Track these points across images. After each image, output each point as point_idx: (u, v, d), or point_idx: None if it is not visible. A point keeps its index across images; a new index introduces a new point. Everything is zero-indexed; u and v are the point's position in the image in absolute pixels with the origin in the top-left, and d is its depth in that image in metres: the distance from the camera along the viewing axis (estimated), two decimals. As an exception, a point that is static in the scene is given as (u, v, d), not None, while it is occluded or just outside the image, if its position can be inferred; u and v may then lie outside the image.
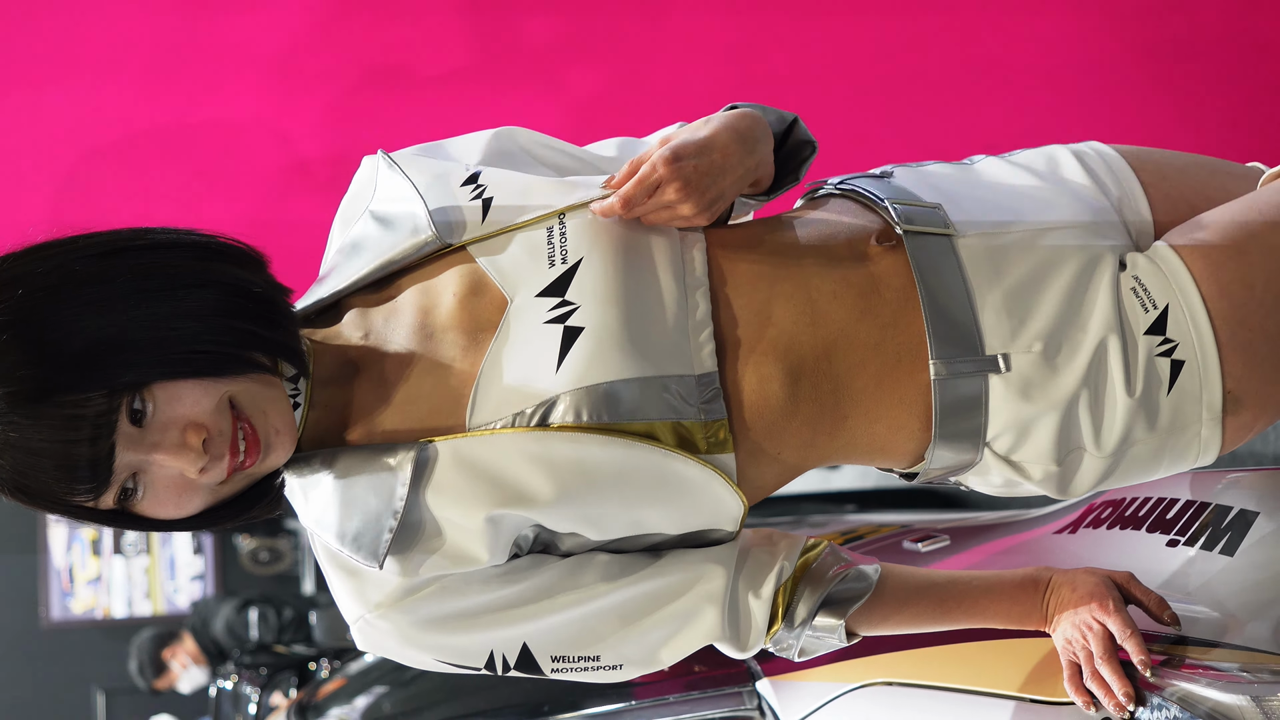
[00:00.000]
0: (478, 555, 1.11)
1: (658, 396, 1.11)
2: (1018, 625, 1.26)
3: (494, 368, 1.12)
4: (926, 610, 1.25)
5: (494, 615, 1.14)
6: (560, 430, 1.09)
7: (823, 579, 1.20)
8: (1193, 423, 1.17)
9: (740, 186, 1.19)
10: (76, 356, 1.00)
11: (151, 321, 1.03)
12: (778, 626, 1.19)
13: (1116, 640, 1.19)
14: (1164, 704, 1.17)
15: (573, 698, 1.91)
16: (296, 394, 1.13)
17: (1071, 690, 1.22)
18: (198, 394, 1.04)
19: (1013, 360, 1.16)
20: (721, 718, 1.73)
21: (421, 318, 1.15)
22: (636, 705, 1.82)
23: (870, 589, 1.21)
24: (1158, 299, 1.18)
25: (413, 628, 1.13)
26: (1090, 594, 1.21)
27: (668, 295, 1.15)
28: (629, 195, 1.14)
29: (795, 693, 1.64)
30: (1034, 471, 1.18)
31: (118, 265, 1.05)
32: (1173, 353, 1.17)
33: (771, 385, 1.15)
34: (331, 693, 2.75)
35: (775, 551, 1.20)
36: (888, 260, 1.20)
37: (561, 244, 1.15)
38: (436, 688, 2.42)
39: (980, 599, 1.25)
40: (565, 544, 1.17)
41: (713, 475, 1.12)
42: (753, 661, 1.74)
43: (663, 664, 1.18)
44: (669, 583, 1.16)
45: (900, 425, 1.18)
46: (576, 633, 1.15)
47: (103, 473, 1.03)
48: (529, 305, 1.13)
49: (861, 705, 1.51)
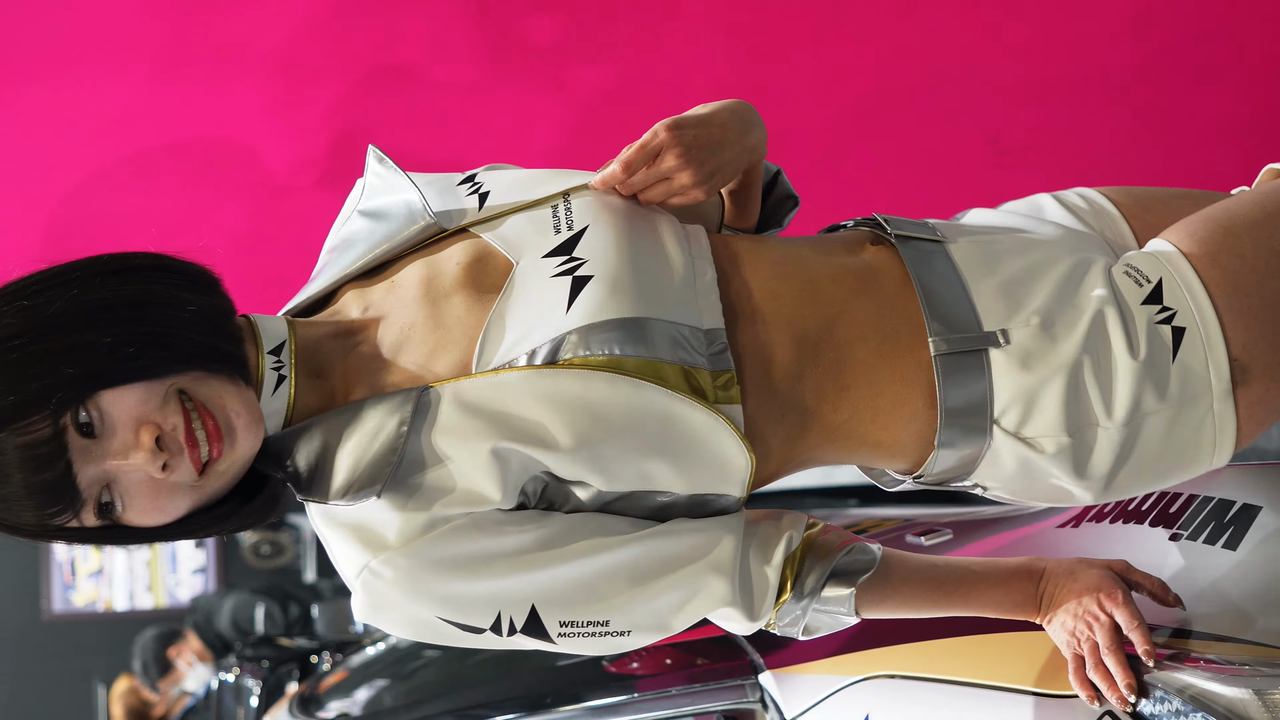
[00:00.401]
0: (486, 492, 1.09)
1: (668, 339, 1.11)
2: (1011, 614, 1.26)
3: (500, 318, 1.11)
4: (925, 592, 1.24)
5: (503, 561, 1.10)
6: (568, 368, 1.08)
7: (830, 551, 1.20)
8: (1203, 394, 1.16)
9: (737, 166, 1.20)
10: (15, 388, 1.01)
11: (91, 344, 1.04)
12: (786, 597, 1.18)
13: (1122, 631, 1.20)
14: (1166, 697, 1.17)
15: (575, 690, 1.91)
16: (280, 366, 1.12)
17: (1076, 683, 1.22)
18: (142, 393, 1.04)
19: (1011, 334, 1.16)
20: (724, 710, 1.73)
21: (425, 287, 1.15)
22: (639, 697, 1.82)
23: (875, 563, 1.21)
24: (1150, 275, 1.19)
25: (420, 571, 1.09)
26: (1095, 585, 1.22)
27: (675, 259, 1.16)
28: (630, 159, 1.15)
29: (798, 686, 1.64)
30: (1047, 445, 1.16)
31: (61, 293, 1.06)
32: (1172, 320, 1.17)
33: (777, 350, 1.15)
34: (333, 685, 2.76)
35: (781, 525, 1.20)
36: (883, 255, 1.22)
37: (567, 216, 1.16)
38: (438, 680, 2.43)
39: (976, 584, 1.25)
40: (572, 499, 1.15)
41: (720, 423, 1.11)
42: (755, 654, 1.74)
43: (672, 630, 1.16)
44: (678, 546, 1.14)
45: (903, 400, 1.17)
46: (585, 593, 1.12)
47: (69, 493, 1.03)
48: (536, 265, 1.13)
49: (863, 698, 1.52)
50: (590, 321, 1.09)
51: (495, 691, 2.11)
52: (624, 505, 1.16)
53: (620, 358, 1.08)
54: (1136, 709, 1.19)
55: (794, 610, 1.19)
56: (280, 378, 1.12)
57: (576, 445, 1.09)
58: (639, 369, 1.09)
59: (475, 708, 2.06)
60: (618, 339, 1.09)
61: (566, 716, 1.88)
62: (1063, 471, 1.17)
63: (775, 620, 1.20)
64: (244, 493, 1.14)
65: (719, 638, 1.81)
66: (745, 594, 1.16)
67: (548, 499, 1.15)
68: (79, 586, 6.62)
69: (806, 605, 1.19)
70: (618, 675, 1.90)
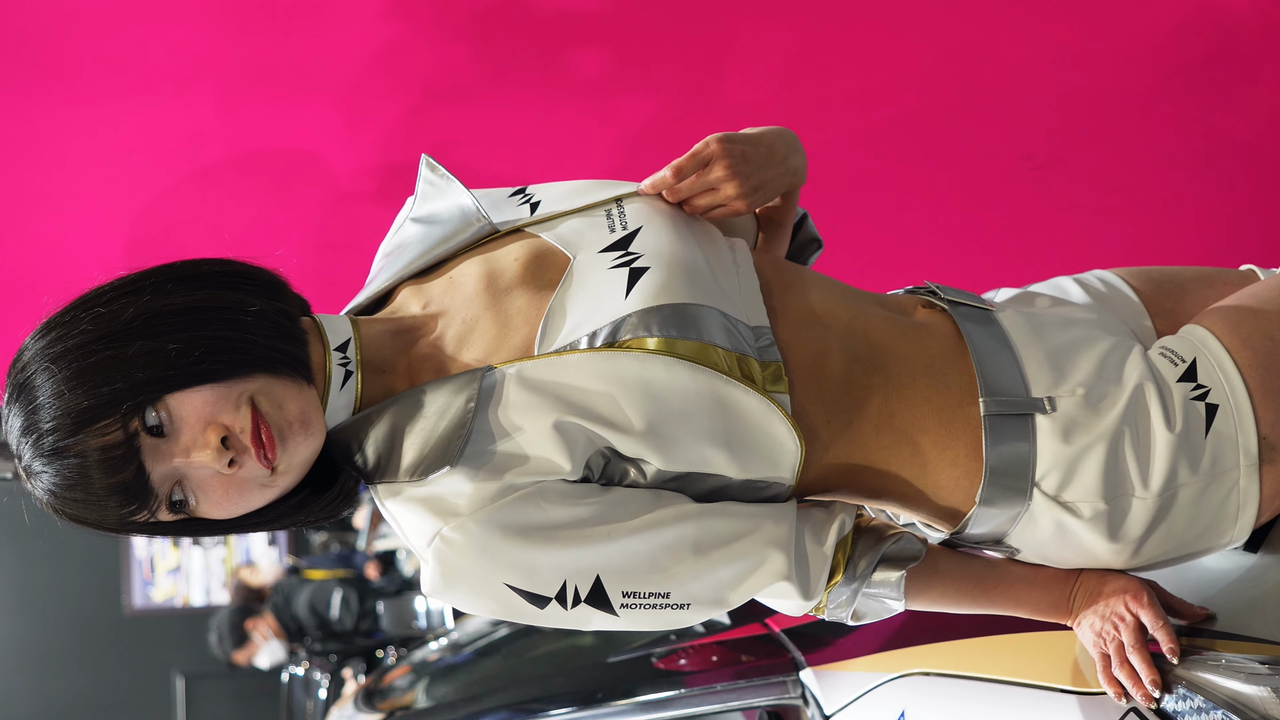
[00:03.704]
0: (555, 461, 1.11)
1: (720, 327, 1.14)
2: (1044, 615, 1.29)
3: (561, 306, 1.15)
4: (967, 586, 1.27)
5: (571, 531, 1.12)
6: (627, 350, 1.11)
7: (880, 536, 1.24)
8: (1231, 468, 1.19)
9: (779, 185, 1.25)
10: (89, 392, 1.05)
11: (160, 348, 1.07)
12: (838, 578, 1.21)
13: (1148, 631, 1.23)
14: (1188, 694, 1.19)
15: (625, 685, 1.95)
16: (347, 362, 1.15)
17: (1104, 680, 1.25)
18: (210, 397, 1.07)
19: (1058, 403, 1.19)
20: (767, 705, 1.77)
21: (486, 282, 1.18)
22: (687, 693, 1.85)
23: (922, 553, 1.24)
24: (1185, 355, 1.23)
25: (491, 536, 1.10)
26: (1123, 588, 1.25)
27: (723, 263, 1.21)
28: (680, 165, 1.20)
29: (837, 682, 1.67)
30: (1084, 510, 1.19)
31: (134, 299, 1.10)
32: (1205, 397, 1.20)
33: (825, 358, 1.19)
34: (396, 679, 2.82)
35: (833, 511, 1.24)
36: (935, 318, 1.26)
37: (621, 218, 1.21)
38: (496, 675, 2.48)
39: (1015, 583, 1.28)
40: (630, 476, 1.16)
41: (771, 408, 1.14)
42: (796, 652, 1.78)
43: (730, 604, 1.18)
44: (738, 523, 1.17)
45: (946, 445, 1.20)
46: (648, 564, 1.14)
47: (142, 492, 1.07)
48: (593, 259, 1.17)
49: (900, 694, 1.55)
50: (648, 305, 1.12)
51: (550, 687, 2.16)
52: (679, 485, 1.18)
53: (676, 339, 1.12)
54: (1160, 705, 1.22)
55: (844, 592, 1.22)
56: (347, 373, 1.15)
57: (638, 423, 1.11)
58: (694, 353, 1.12)
59: (531, 702, 2.11)
60: (675, 323, 1.12)
61: (617, 711, 1.93)
62: (1097, 533, 1.20)
63: (827, 602, 1.23)
64: (316, 485, 1.16)
65: (762, 636, 1.85)
66: (801, 571, 1.19)
67: (608, 475, 1.17)
68: (158, 583, 6.79)
69: (857, 588, 1.22)
70: (666, 671, 1.94)
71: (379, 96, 2.39)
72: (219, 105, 2.41)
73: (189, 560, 6.83)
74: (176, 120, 2.43)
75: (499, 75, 2.41)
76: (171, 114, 2.43)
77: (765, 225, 1.35)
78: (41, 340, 1.09)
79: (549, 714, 2.03)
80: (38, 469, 1.07)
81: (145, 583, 6.76)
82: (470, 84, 2.40)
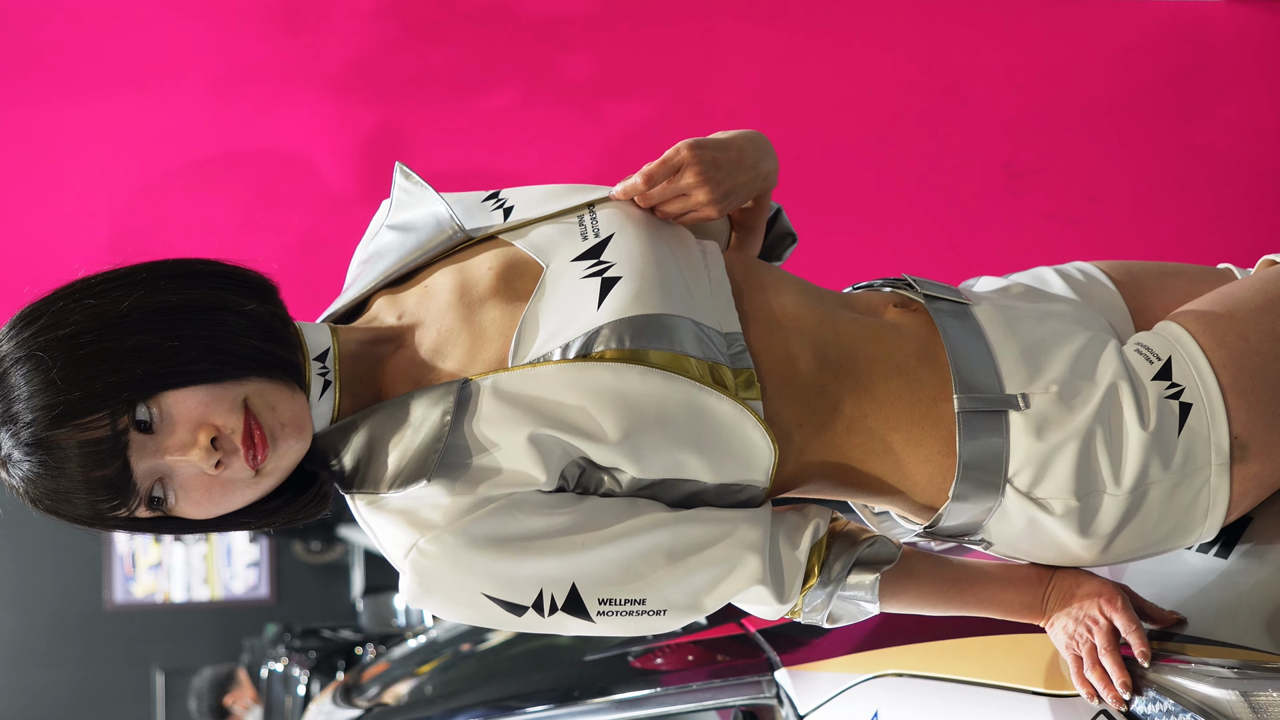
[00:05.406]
0: (529, 473, 1.12)
1: (692, 336, 1.15)
2: (1017, 616, 1.30)
3: (534, 317, 1.15)
4: (941, 588, 1.28)
5: (546, 541, 1.13)
6: (601, 360, 1.12)
7: (854, 540, 1.24)
8: (1203, 466, 1.20)
9: (750, 190, 1.26)
10: (85, 380, 1.04)
11: (154, 345, 1.07)
12: (813, 582, 1.22)
13: (1120, 634, 1.24)
14: (1159, 698, 1.20)
15: (602, 684, 1.96)
16: (326, 371, 1.16)
17: (1076, 682, 1.26)
18: (204, 397, 1.07)
19: (1032, 399, 1.20)
20: (742, 705, 1.77)
21: (459, 293, 1.19)
22: (662, 691, 1.86)
23: (897, 556, 1.25)
24: (1160, 353, 1.24)
25: (466, 549, 1.12)
26: (1096, 591, 1.26)
27: (694, 269, 1.21)
28: (651, 171, 1.21)
29: (811, 682, 1.68)
30: (1055, 507, 1.20)
31: (127, 294, 1.10)
32: (1180, 395, 1.21)
33: (796, 359, 1.20)
34: (375, 676, 2.82)
35: (808, 514, 1.24)
36: (907, 318, 1.27)
37: (593, 225, 1.21)
38: (474, 673, 2.49)
39: (989, 585, 1.29)
40: (605, 484, 1.18)
41: (745, 414, 1.15)
42: (772, 652, 1.78)
43: (705, 610, 1.19)
44: (713, 528, 1.18)
45: (919, 441, 1.21)
46: (624, 572, 1.15)
47: (124, 487, 1.06)
48: (565, 268, 1.17)
49: (874, 694, 1.55)
50: (621, 316, 1.13)
51: (527, 684, 2.17)
52: (654, 492, 1.19)
53: (648, 350, 1.13)
54: (1130, 708, 1.23)
55: (820, 595, 1.23)
56: (326, 383, 1.15)
57: (613, 433, 1.12)
58: (666, 362, 1.13)
59: (508, 699, 2.11)
60: (646, 333, 1.13)
61: (593, 709, 1.93)
62: (1068, 529, 1.22)
63: (802, 605, 1.23)
64: (295, 488, 1.17)
65: (738, 636, 1.86)
66: (776, 574, 1.20)
67: (583, 484, 1.18)
68: (139, 578, 6.77)
69: (832, 591, 1.23)
70: (642, 670, 1.95)
71: (366, 97, 2.40)
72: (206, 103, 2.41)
73: (170, 556, 6.81)
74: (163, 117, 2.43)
75: (486, 78, 2.42)
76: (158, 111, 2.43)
77: (738, 228, 1.36)
78: (27, 328, 1.08)
79: (526, 711, 2.04)
80: (17, 458, 1.06)
81: (126, 578, 6.74)
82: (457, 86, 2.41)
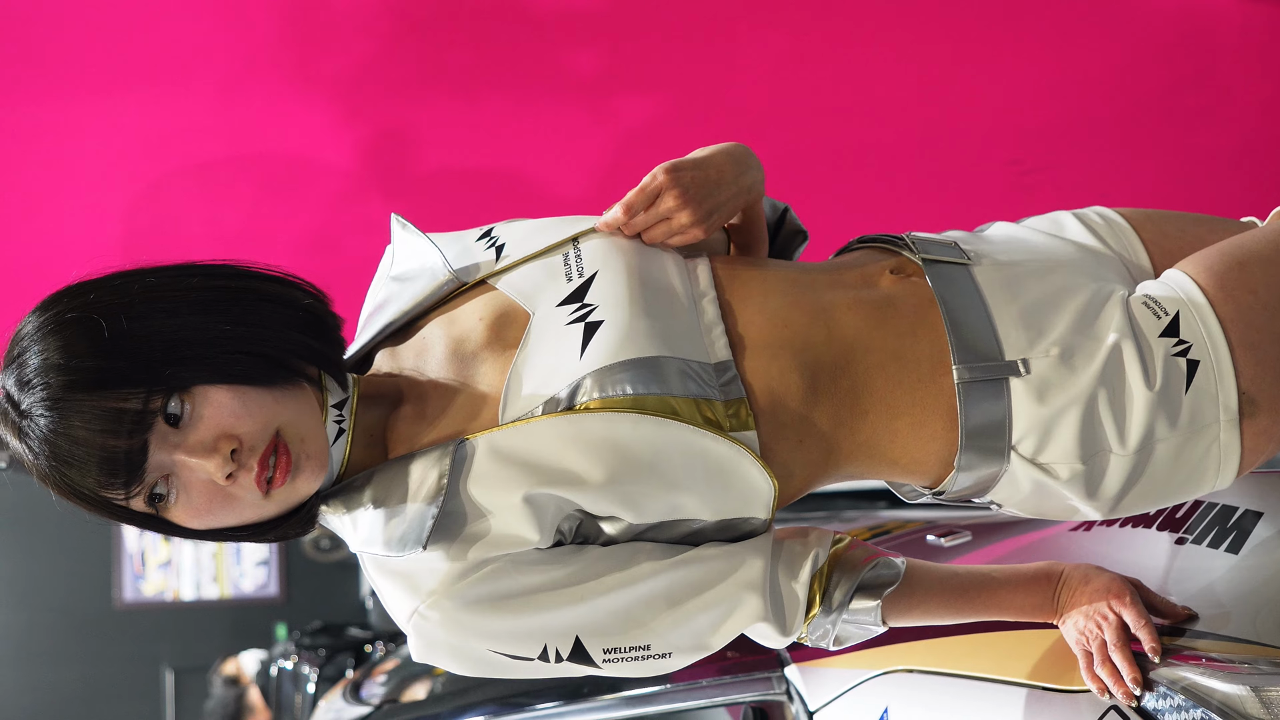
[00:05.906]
0: (524, 534, 1.12)
1: (679, 375, 1.14)
2: (1030, 617, 1.30)
3: (519, 372, 1.15)
4: (949, 600, 1.28)
5: (545, 595, 1.14)
6: (589, 411, 1.11)
7: (855, 566, 1.24)
8: (1211, 423, 1.19)
9: (735, 205, 1.25)
10: (131, 352, 1.06)
11: (205, 327, 1.09)
12: (815, 611, 1.22)
13: (1130, 630, 1.24)
14: (1169, 693, 1.20)
15: (612, 679, 1.96)
16: (341, 420, 1.16)
17: (1086, 677, 1.26)
18: (237, 407, 1.08)
19: (1032, 364, 1.19)
20: (752, 701, 1.77)
21: (454, 346, 1.19)
22: (672, 688, 1.86)
23: (900, 576, 1.25)
24: (1168, 308, 1.22)
25: (466, 612, 1.13)
26: (1106, 588, 1.26)
27: (681, 298, 1.21)
28: (630, 201, 1.21)
29: (821, 678, 1.68)
30: (1061, 471, 1.19)
31: (185, 279, 1.12)
32: (1187, 353, 1.19)
33: (789, 377, 1.18)
34: (385, 673, 2.83)
35: (808, 543, 1.24)
36: (902, 287, 1.25)
37: (578, 263, 1.21)
38: (484, 669, 2.48)
39: (998, 590, 1.29)
40: (605, 532, 1.18)
41: (741, 452, 1.14)
42: (782, 649, 1.78)
43: (712, 649, 1.19)
44: (710, 569, 1.18)
45: (922, 423, 1.20)
46: (625, 621, 1.16)
47: (135, 468, 1.06)
48: (550, 315, 1.18)
49: (884, 690, 1.56)
50: (603, 365, 1.12)
51: (536, 681, 2.17)
52: (655, 534, 1.19)
53: (634, 396, 1.12)
54: (1141, 704, 1.23)
55: (824, 624, 1.23)
56: (340, 430, 1.16)
57: (605, 483, 1.12)
58: (654, 406, 1.12)
59: (516, 696, 2.12)
60: (630, 379, 1.12)
61: (603, 705, 1.94)
62: (1075, 493, 1.21)
63: (807, 633, 1.23)
64: None
65: (748, 631, 1.86)
66: (777, 610, 1.20)
67: (582, 535, 1.18)
68: (148, 577, 6.79)
69: (835, 618, 1.23)
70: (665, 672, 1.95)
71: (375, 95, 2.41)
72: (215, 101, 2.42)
73: (180, 555, 6.83)
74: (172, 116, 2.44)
75: (495, 75, 2.43)
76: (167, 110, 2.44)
77: (735, 238, 1.35)
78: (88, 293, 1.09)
79: (535, 708, 2.05)
80: (39, 412, 1.06)
81: (136, 576, 6.76)
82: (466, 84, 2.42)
